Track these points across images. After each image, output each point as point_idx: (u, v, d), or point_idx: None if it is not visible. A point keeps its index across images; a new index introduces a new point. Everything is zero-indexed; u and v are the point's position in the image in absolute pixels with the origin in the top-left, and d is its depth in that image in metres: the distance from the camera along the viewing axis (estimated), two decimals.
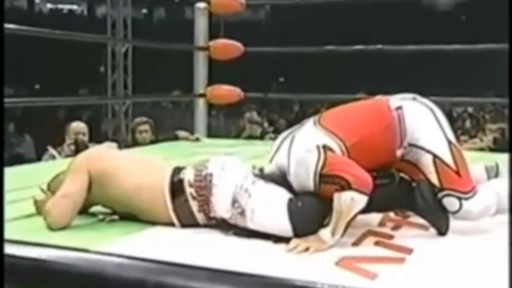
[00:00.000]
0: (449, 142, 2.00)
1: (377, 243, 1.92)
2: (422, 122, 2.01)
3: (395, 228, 2.11)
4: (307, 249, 1.79)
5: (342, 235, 1.83)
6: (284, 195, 1.90)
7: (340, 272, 1.67)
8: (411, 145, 2.01)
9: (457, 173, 1.96)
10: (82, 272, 1.23)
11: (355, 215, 1.82)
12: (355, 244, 1.91)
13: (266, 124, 14.07)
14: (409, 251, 1.84)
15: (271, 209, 1.88)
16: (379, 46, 4.78)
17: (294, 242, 1.82)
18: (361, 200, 1.81)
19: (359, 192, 1.80)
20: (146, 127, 4.74)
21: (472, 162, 2.15)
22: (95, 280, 1.22)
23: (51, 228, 1.98)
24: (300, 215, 1.85)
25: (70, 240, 1.82)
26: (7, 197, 2.42)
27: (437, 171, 1.97)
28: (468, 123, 12.59)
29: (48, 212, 2.00)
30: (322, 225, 1.83)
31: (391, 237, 2.00)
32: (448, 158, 1.97)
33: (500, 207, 2.02)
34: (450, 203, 1.97)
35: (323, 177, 1.85)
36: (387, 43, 4.84)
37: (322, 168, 1.85)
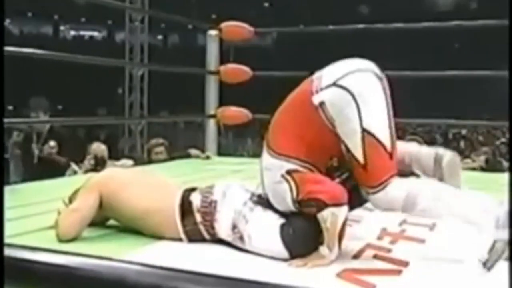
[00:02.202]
0: (363, 130, 1.78)
1: (375, 256, 1.92)
2: (341, 111, 1.80)
3: (393, 242, 2.11)
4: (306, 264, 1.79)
5: (340, 247, 1.81)
6: (276, 222, 1.88)
7: (341, 283, 1.67)
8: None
9: (364, 167, 1.79)
10: (104, 278, 1.27)
11: (344, 225, 1.79)
12: (355, 257, 1.91)
13: None
14: (405, 264, 1.84)
15: (265, 235, 1.87)
16: None
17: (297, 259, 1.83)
18: (342, 211, 1.78)
19: (336, 206, 1.77)
20: (161, 148, 4.78)
21: (464, 181, 2.10)
22: (117, 286, 1.26)
23: (59, 239, 2.00)
24: (293, 240, 1.83)
25: (91, 249, 1.83)
26: (33, 209, 2.46)
27: (351, 162, 1.82)
28: (462, 144, 12.56)
29: (57, 224, 2.03)
30: (320, 243, 1.81)
31: (388, 250, 1.99)
32: (357, 151, 1.79)
33: (407, 205, 1.79)
34: (362, 191, 1.85)
35: (301, 203, 1.82)
36: (389, 68, 4.84)
37: (297, 195, 1.82)
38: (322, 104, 1.81)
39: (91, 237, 2.08)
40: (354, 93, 1.79)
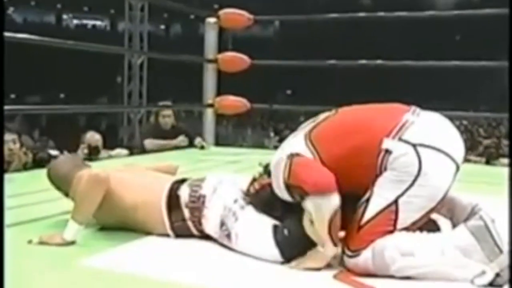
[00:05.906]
0: (395, 201, 1.59)
1: None
2: (398, 174, 1.60)
3: None
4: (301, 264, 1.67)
5: (336, 244, 1.63)
6: (268, 223, 1.75)
7: (338, 285, 1.58)
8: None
9: (358, 227, 1.61)
10: None
11: (335, 218, 1.59)
12: None
13: (272, 134, 13.98)
14: None
15: (255, 236, 1.74)
16: (379, 61, 4.66)
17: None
18: (328, 202, 1.57)
19: (318, 195, 1.58)
20: (169, 112, 4.72)
21: (467, 175, 1.93)
22: None
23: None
24: (288, 242, 1.69)
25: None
26: (28, 199, 2.34)
27: (356, 214, 1.64)
28: (464, 136, 12.42)
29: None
30: (314, 245, 1.67)
31: None
32: (371, 209, 1.61)
33: (378, 265, 1.60)
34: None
35: (290, 187, 1.66)
36: (393, 57, 4.71)
37: (288, 177, 1.66)
38: (387, 151, 1.61)
39: None
40: (422, 170, 1.59)
